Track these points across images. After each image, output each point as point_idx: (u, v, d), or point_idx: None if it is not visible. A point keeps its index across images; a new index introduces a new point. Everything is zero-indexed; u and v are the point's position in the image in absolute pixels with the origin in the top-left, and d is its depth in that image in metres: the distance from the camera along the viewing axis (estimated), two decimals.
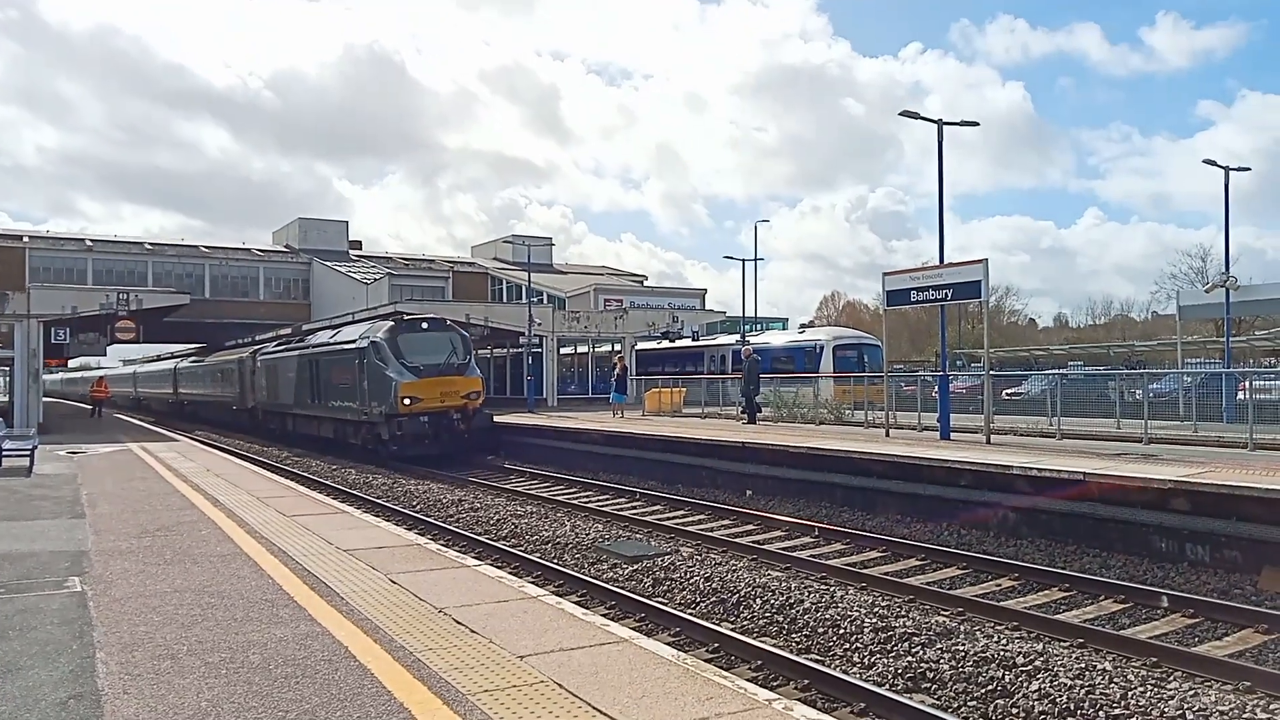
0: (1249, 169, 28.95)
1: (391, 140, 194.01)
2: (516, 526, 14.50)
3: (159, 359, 72.22)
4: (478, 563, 9.07)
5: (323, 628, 6.33)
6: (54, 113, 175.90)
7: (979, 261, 17.07)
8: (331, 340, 28.57)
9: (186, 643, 6.03)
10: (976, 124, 20.15)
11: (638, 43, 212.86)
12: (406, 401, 23.30)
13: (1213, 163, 24.45)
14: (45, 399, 37.48)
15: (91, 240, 58.94)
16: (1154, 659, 7.85)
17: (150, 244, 60.92)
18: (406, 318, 25.90)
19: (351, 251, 67.29)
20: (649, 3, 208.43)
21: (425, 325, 25.26)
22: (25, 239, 56.17)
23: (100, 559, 8.86)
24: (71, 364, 74.80)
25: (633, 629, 7.64)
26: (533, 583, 9.26)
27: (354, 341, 25.76)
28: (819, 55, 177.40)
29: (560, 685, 5.09)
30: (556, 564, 11.83)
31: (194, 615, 6.72)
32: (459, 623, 6.43)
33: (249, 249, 63.97)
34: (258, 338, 45.36)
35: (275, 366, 33.12)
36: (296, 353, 30.81)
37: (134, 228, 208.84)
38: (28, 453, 17.66)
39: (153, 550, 9.26)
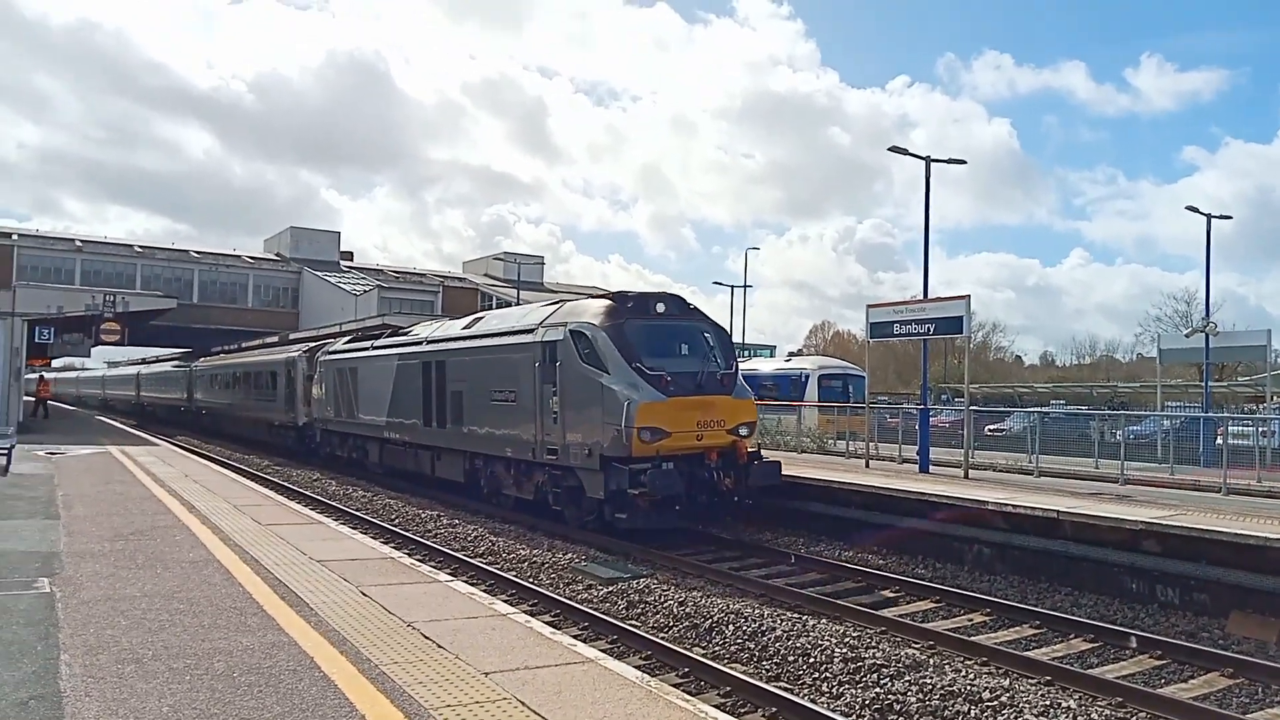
0: (1230, 217, 29.47)
1: (377, 150, 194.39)
2: (494, 544, 14.47)
3: (164, 360, 62.09)
4: (451, 578, 9.07)
5: (289, 637, 6.33)
6: (33, 109, 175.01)
7: (962, 297, 17.25)
8: (471, 332, 18.77)
9: (152, 648, 6.02)
10: (964, 162, 20.40)
11: (625, 63, 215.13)
12: (645, 436, 13.57)
13: (1195, 209, 24.82)
14: (27, 398, 37.13)
15: (81, 241, 58.89)
16: (1119, 699, 7.90)
17: (140, 247, 60.92)
18: (631, 294, 15.59)
19: (343, 262, 67.43)
20: (636, 23, 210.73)
21: (662, 307, 15.29)
22: (15, 237, 56.03)
23: (71, 561, 8.83)
24: (57, 364, 74.19)
25: (602, 650, 7.68)
26: (505, 601, 9.26)
27: (531, 332, 15.99)
28: (807, 84, 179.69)
29: (522, 703, 5.11)
30: (531, 583, 11.82)
31: (162, 620, 6.71)
32: (427, 637, 6.44)
33: (239, 255, 63.99)
34: (321, 331, 38.40)
35: (353, 371, 24.14)
36: (397, 351, 21.68)
37: (119, 229, 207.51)
38: (5, 452, 17.56)
39: (125, 554, 9.23)
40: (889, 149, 19.80)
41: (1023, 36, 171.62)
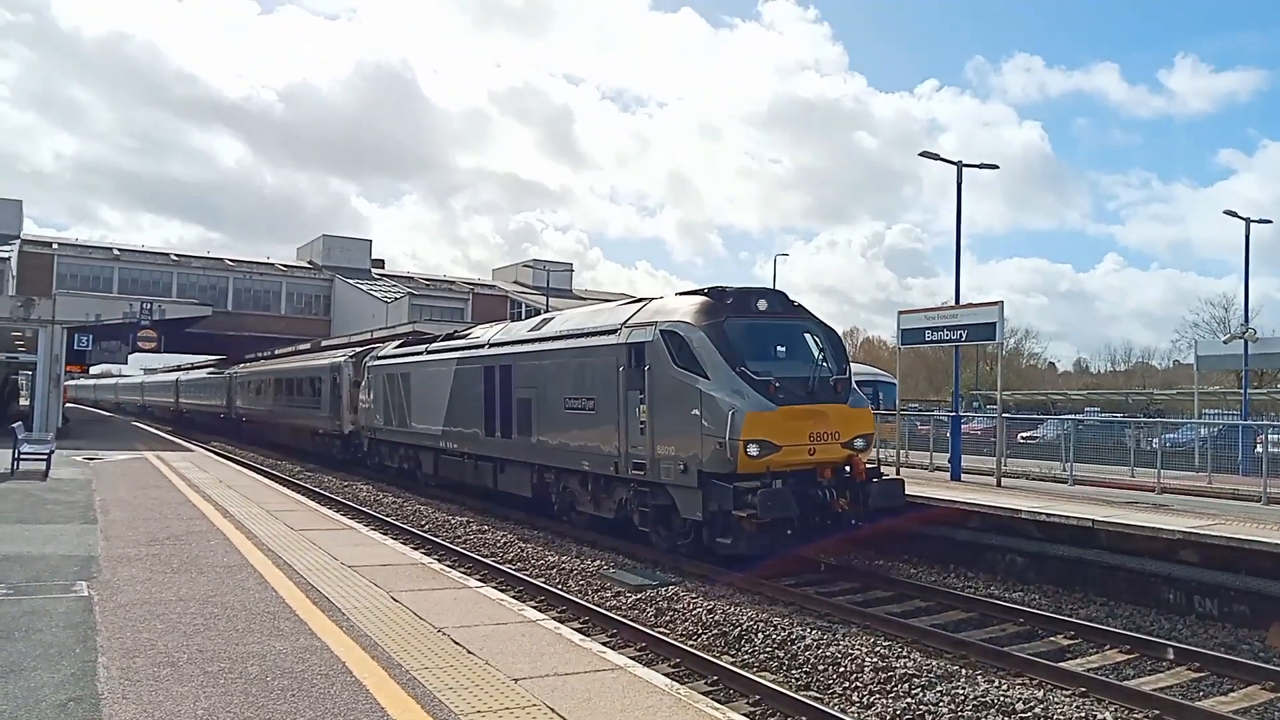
0: (1270, 221, 29.02)
1: (406, 158, 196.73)
2: (523, 550, 14.53)
3: (201, 367, 61.31)
4: (480, 585, 9.12)
5: (322, 642, 6.39)
6: (68, 119, 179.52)
7: (995, 303, 17.11)
8: (540, 334, 17.19)
9: (187, 651, 6.10)
10: (996, 167, 20.24)
11: (651, 68, 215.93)
12: (752, 451, 12.03)
13: (1234, 214, 24.42)
14: (67, 404, 37.77)
15: (119, 250, 59.86)
16: (1156, 711, 7.77)
17: (176, 255, 61.86)
18: (729, 290, 13.87)
19: (374, 270, 68.04)
20: (661, 28, 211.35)
21: (764, 304, 13.72)
22: (55, 246, 57.12)
23: (109, 565, 8.97)
24: (95, 370, 75.50)
25: (631, 657, 7.67)
26: (534, 607, 9.29)
27: (613, 333, 14.46)
28: (834, 89, 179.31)
29: (552, 709, 5.12)
30: (560, 589, 11.84)
31: (197, 624, 6.80)
32: (457, 643, 6.48)
33: (272, 264, 64.76)
34: (354, 338, 37.65)
35: (405, 377, 22.82)
36: (456, 355, 20.20)
37: (153, 237, 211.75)
38: (45, 457, 17.88)
39: (160, 558, 9.37)
40: (920, 154, 19.77)
41: (1053, 38, 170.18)
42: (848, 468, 12.87)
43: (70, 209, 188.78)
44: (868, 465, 13.18)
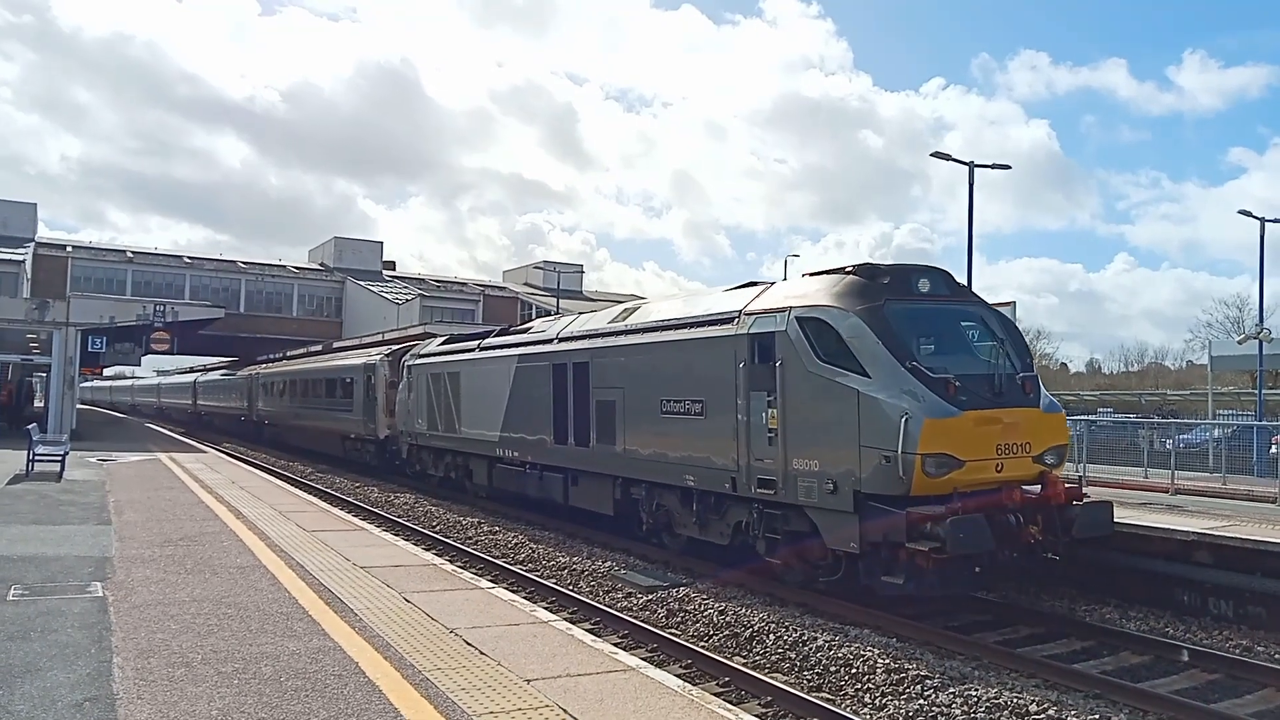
0: None
1: (411, 158, 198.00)
2: (534, 552, 14.54)
3: (214, 369, 59.98)
4: (492, 585, 9.14)
5: (335, 643, 6.41)
6: (73, 121, 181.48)
7: (1007, 304, 17.10)
8: (626, 326, 14.66)
9: (201, 651, 6.13)
10: (1008, 167, 20.24)
11: (654, 67, 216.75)
12: (929, 468, 9.68)
13: (1248, 214, 24.29)
14: (80, 406, 37.98)
15: (133, 252, 60.17)
16: (1171, 714, 7.73)
17: (189, 258, 62.16)
18: (882, 267, 11.36)
19: (385, 272, 68.24)
20: (663, 26, 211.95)
21: (926, 285, 11.16)
22: (69, 249, 57.47)
23: (123, 566, 9.02)
24: (109, 372, 75.97)
25: (643, 659, 7.66)
26: (546, 608, 9.29)
27: (730, 321, 12.07)
28: (839, 88, 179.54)
29: (565, 710, 5.13)
30: (571, 590, 11.86)
31: (210, 625, 6.83)
32: (469, 644, 6.49)
33: (284, 266, 65.02)
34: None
35: (453, 377, 20.53)
36: (518, 352, 17.86)
37: (162, 239, 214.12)
38: (59, 459, 17.99)
39: (174, 559, 9.42)
40: (932, 155, 19.79)
41: (1060, 34, 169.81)
42: (1038, 486, 10.55)
43: (79, 211, 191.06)
44: (1067, 485, 10.83)
